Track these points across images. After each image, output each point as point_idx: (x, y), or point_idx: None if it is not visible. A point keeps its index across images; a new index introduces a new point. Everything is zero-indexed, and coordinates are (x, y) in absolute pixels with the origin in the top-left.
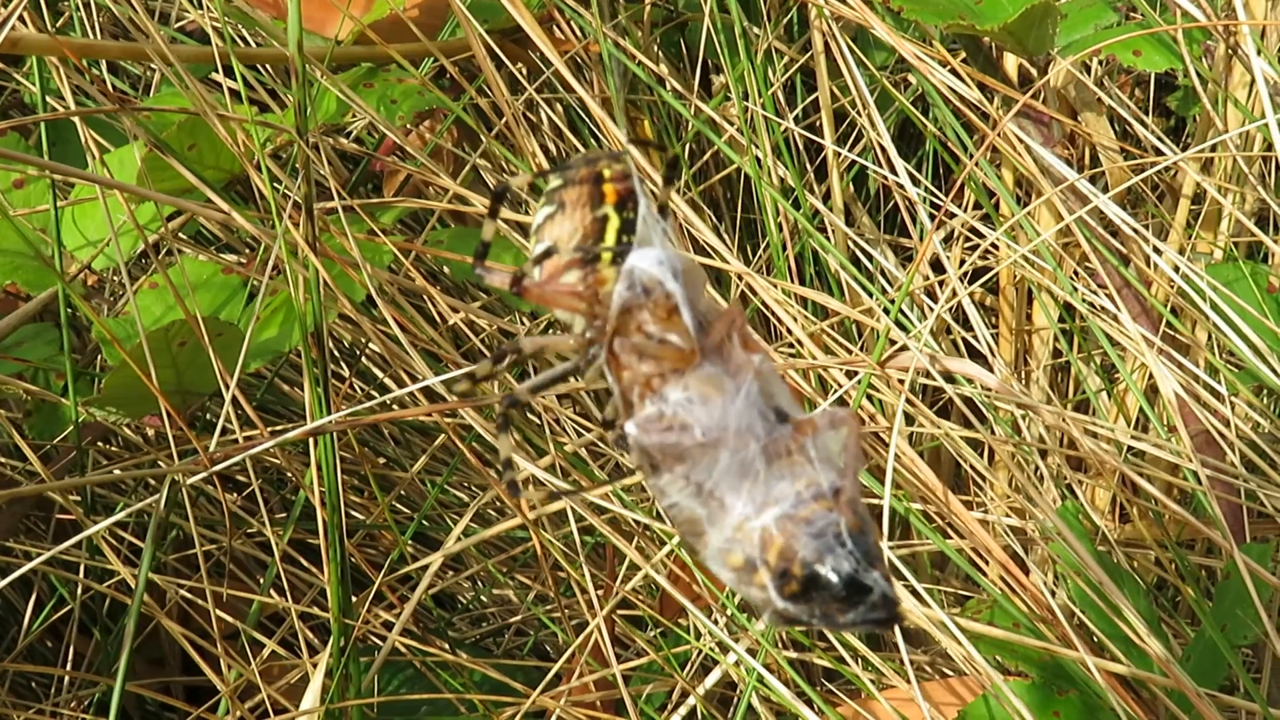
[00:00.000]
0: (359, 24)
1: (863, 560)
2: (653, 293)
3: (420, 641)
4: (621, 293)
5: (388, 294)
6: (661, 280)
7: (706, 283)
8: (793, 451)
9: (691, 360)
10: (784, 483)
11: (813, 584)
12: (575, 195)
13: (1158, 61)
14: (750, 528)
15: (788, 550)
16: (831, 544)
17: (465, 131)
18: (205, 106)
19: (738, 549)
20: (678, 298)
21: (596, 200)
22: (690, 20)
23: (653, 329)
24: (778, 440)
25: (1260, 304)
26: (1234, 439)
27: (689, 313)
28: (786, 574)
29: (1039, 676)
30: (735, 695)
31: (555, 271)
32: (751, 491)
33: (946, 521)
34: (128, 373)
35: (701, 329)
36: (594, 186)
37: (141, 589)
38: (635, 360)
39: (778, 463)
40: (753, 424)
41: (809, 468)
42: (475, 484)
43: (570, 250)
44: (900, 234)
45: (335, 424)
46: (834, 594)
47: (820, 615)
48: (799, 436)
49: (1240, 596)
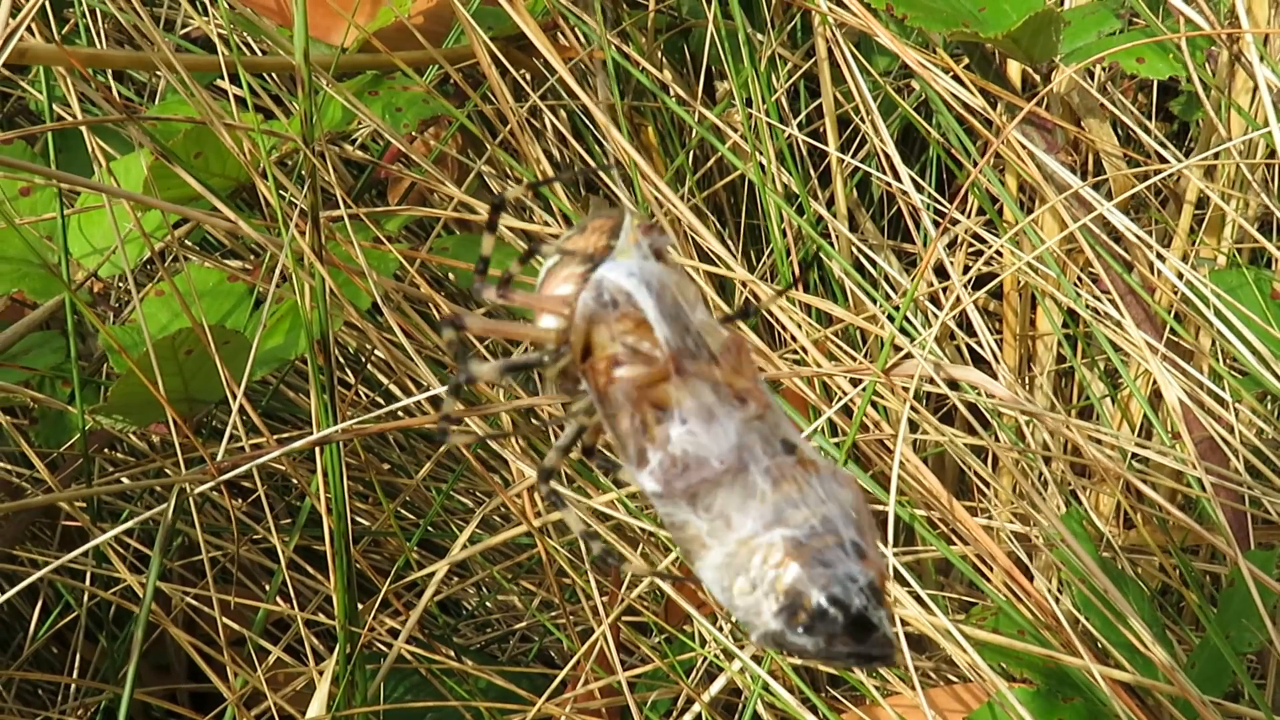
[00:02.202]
0: (364, 32)
1: (872, 599)
2: (620, 305)
3: (426, 648)
4: (586, 301)
5: (393, 301)
6: (630, 292)
7: (700, 296)
8: (799, 480)
9: (666, 374)
10: (794, 510)
11: (820, 618)
12: (595, 228)
13: (1161, 68)
14: (757, 544)
15: (799, 581)
16: (845, 581)
17: (470, 139)
18: (211, 115)
19: (743, 568)
20: (648, 311)
21: (615, 234)
22: (694, 27)
23: (625, 341)
24: (781, 465)
25: (1264, 310)
26: (1238, 445)
27: (665, 327)
28: (795, 607)
29: (1043, 683)
30: (740, 702)
31: (550, 280)
32: (760, 510)
33: (950, 528)
34: (134, 380)
35: (686, 345)
36: (617, 224)
37: (149, 597)
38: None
39: (783, 486)
40: (753, 446)
41: (821, 504)
42: (481, 490)
43: (572, 263)
44: (904, 240)
45: (342, 433)
46: (840, 629)
47: (818, 648)
48: (804, 470)
49: (1245, 603)
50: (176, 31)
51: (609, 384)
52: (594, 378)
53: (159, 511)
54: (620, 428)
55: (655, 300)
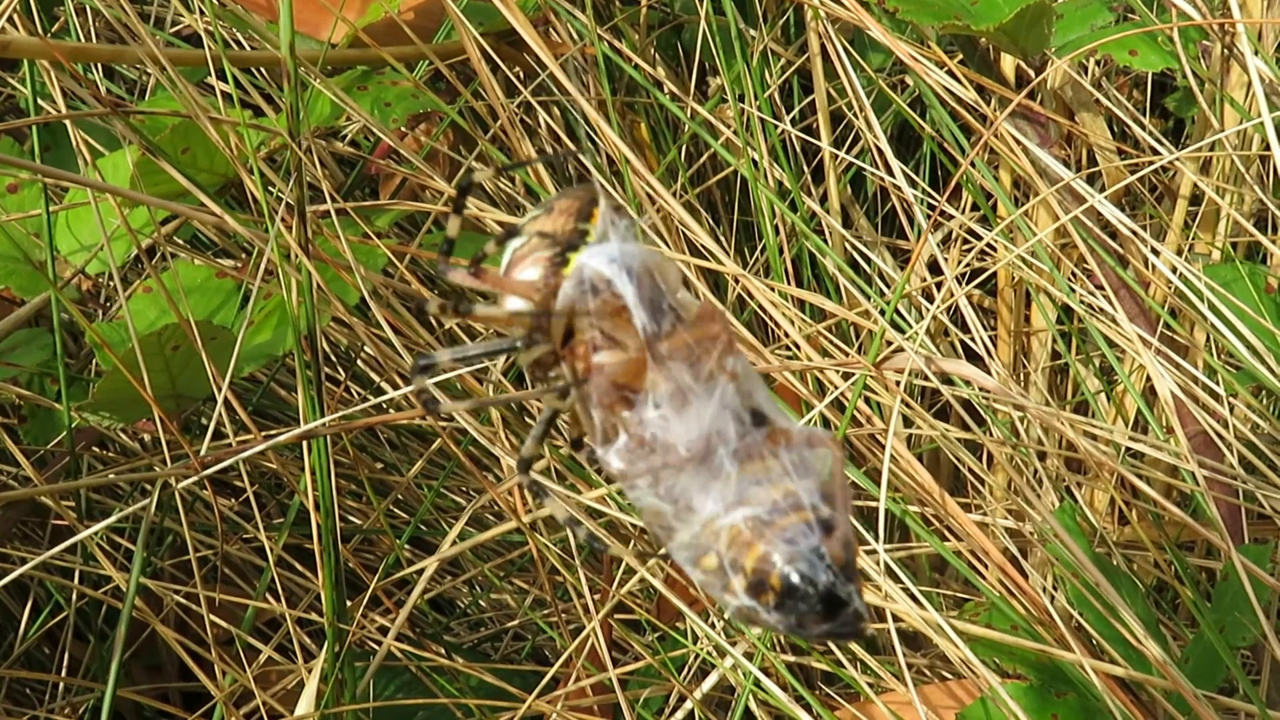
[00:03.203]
0: (353, 27)
1: (840, 575)
2: (601, 291)
3: (416, 646)
4: (568, 290)
5: (382, 297)
6: (611, 279)
7: (680, 277)
8: (766, 457)
9: (642, 363)
10: (758, 488)
11: (788, 594)
12: (561, 209)
13: (1154, 61)
14: (719, 526)
15: (764, 560)
16: (811, 557)
17: (460, 135)
18: (198, 110)
19: (709, 548)
20: (628, 298)
21: (583, 216)
22: (686, 22)
23: (603, 327)
24: (750, 444)
25: (1258, 305)
26: (1232, 440)
27: (644, 313)
28: (762, 584)
29: (1037, 679)
30: (732, 699)
31: (519, 263)
32: (722, 491)
33: (944, 524)
34: (121, 377)
35: (662, 328)
36: (586, 205)
37: (133, 593)
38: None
39: (750, 465)
40: (724, 428)
41: (786, 479)
42: (471, 488)
43: (540, 246)
44: (897, 236)
45: (327, 427)
46: (809, 606)
47: (788, 624)
48: (773, 444)
49: (1239, 598)
50: (167, 29)
51: (587, 370)
52: (572, 363)
53: (142, 507)
54: (594, 410)
55: (635, 286)
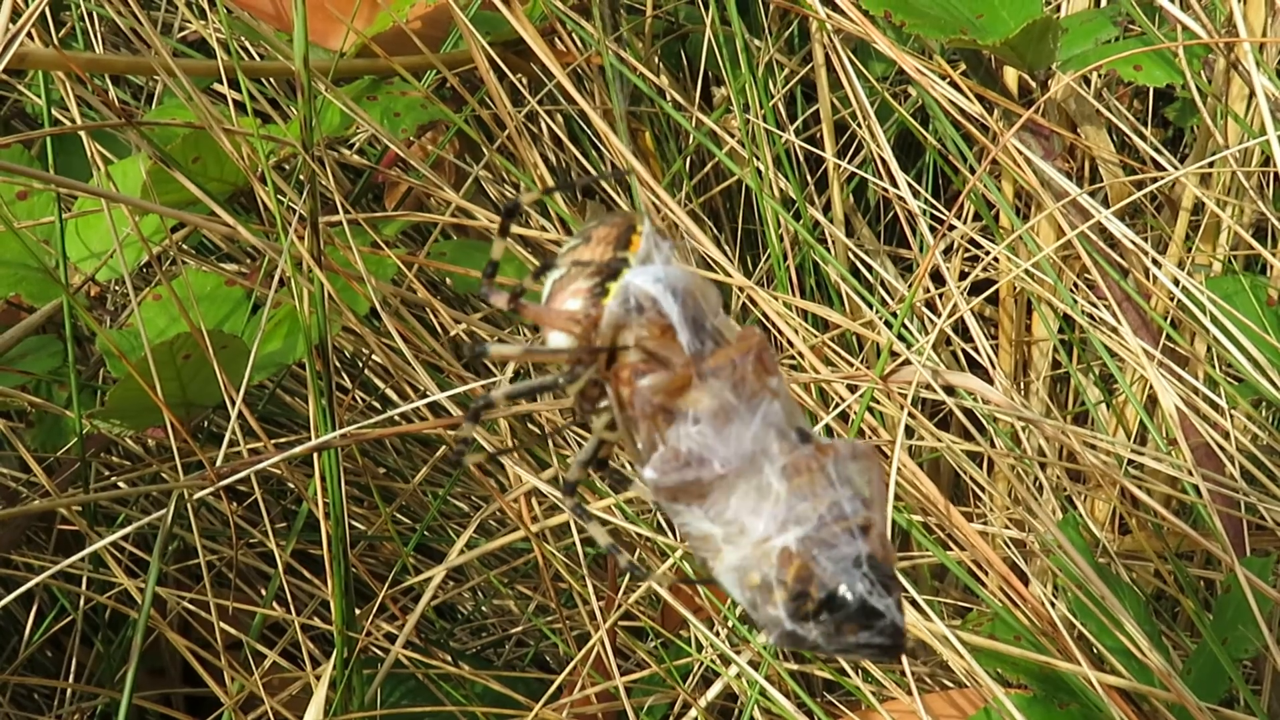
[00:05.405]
0: (362, 36)
1: (878, 585)
2: (646, 311)
3: (423, 653)
4: (614, 309)
5: (391, 306)
6: (656, 298)
7: (721, 300)
8: (813, 470)
9: (687, 380)
10: (805, 503)
11: (827, 604)
12: (600, 238)
13: (1158, 76)
14: (770, 546)
15: (805, 570)
16: (849, 566)
17: (467, 143)
18: (209, 119)
19: (756, 568)
20: (673, 316)
21: (621, 243)
22: (692, 32)
23: (646, 346)
24: (798, 459)
25: (1259, 317)
26: (1234, 452)
27: (687, 332)
28: (803, 594)
29: (1039, 689)
30: (737, 707)
31: (558, 294)
32: (773, 511)
33: (947, 533)
34: (132, 385)
35: (707, 348)
36: (623, 232)
37: (148, 604)
38: (638, 390)
39: (797, 480)
40: (769, 446)
41: (831, 489)
42: (477, 495)
43: (580, 277)
44: (900, 246)
45: (340, 439)
46: (846, 615)
47: (828, 637)
48: (821, 457)
49: (1241, 610)
50: (174, 35)
51: (633, 392)
52: (617, 385)
53: (158, 517)
54: (640, 432)
55: (680, 305)
